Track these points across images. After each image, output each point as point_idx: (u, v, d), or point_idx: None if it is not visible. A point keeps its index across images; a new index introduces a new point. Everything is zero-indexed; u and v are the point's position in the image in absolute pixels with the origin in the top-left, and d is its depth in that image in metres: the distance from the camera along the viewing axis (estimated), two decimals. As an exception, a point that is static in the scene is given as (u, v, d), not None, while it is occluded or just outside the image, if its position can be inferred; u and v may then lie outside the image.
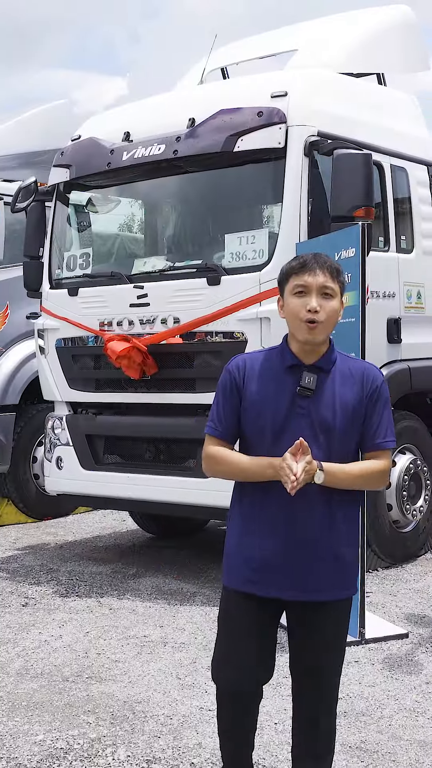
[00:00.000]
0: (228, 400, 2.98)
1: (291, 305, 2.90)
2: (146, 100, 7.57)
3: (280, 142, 6.16)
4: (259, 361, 2.98)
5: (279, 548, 2.87)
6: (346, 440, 2.90)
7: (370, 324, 6.62)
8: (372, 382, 2.94)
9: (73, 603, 6.23)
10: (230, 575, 3.00)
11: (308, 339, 2.88)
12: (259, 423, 2.91)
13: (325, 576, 2.89)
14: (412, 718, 4.22)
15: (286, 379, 2.92)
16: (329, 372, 2.92)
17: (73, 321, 7.06)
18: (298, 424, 2.86)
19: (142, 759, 3.84)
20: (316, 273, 2.87)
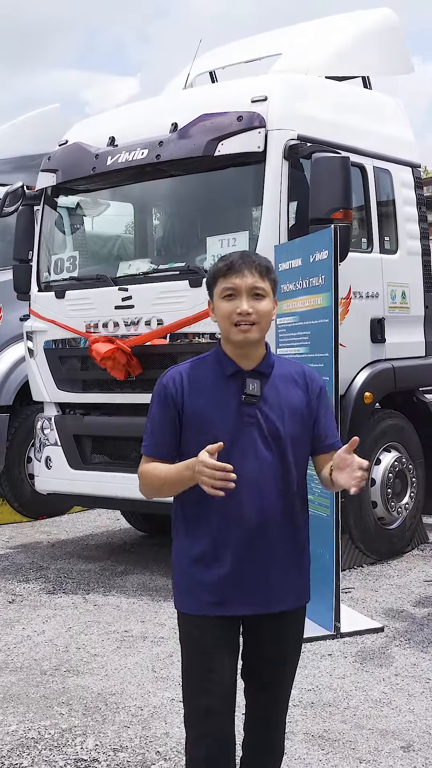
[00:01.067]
0: (164, 416, 2.80)
1: (221, 309, 2.75)
2: (131, 105, 7.71)
3: (260, 146, 6.26)
4: (196, 370, 2.82)
5: (241, 561, 2.73)
6: (298, 446, 2.80)
7: (353, 324, 6.80)
8: (316, 383, 2.86)
9: (59, 599, 6.35)
10: (187, 600, 2.81)
11: (242, 340, 2.74)
12: (203, 437, 2.70)
13: (287, 586, 2.80)
14: (377, 708, 4.31)
15: (228, 388, 2.77)
16: (270, 376, 2.81)
17: (60, 323, 7.18)
18: (248, 433, 2.73)
19: (109, 748, 3.95)
20: (244, 274, 2.73)
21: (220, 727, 2.74)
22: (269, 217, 6.26)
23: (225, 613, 2.75)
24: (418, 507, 7.49)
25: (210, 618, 2.75)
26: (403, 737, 3.99)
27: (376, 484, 7.03)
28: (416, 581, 6.56)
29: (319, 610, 5.40)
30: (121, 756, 3.87)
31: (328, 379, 5.36)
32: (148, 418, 2.85)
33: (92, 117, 7.86)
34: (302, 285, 5.68)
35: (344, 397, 6.73)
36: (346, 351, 6.58)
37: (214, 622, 2.75)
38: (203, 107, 6.59)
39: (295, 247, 5.89)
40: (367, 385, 6.85)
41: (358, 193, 7.04)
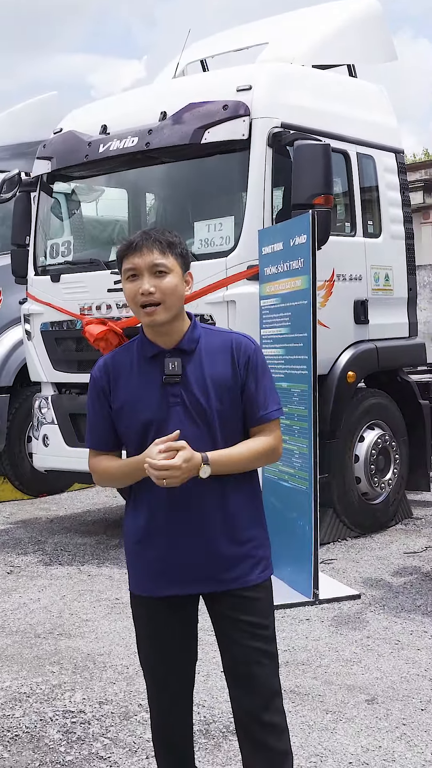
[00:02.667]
0: (97, 409, 2.76)
1: (126, 291, 2.67)
2: (123, 94, 7.94)
3: (244, 133, 6.50)
4: (121, 358, 2.77)
5: (175, 540, 2.67)
6: (228, 421, 2.69)
7: (336, 306, 7.05)
8: (243, 352, 2.71)
9: (55, 570, 6.65)
10: (130, 579, 2.79)
11: (150, 323, 2.64)
12: (134, 423, 2.68)
13: (227, 565, 2.69)
14: (347, 666, 4.60)
15: (150, 370, 2.70)
16: (193, 352, 2.69)
17: (55, 306, 7.45)
18: (175, 415, 2.65)
19: (95, 701, 4.25)
20: (143, 252, 2.61)
21: (169, 710, 2.78)
22: (253, 203, 6.50)
23: (162, 593, 2.69)
24: (402, 483, 7.76)
25: (152, 599, 2.71)
26: (368, 692, 4.28)
27: (360, 460, 7.30)
28: (396, 553, 6.84)
29: (299, 579, 5.70)
30: (106, 708, 4.17)
31: (306, 358, 5.62)
32: (87, 411, 2.81)
33: (86, 105, 8.09)
34: (283, 268, 5.93)
35: (328, 377, 7.01)
36: (330, 332, 6.89)
37: (157, 602, 2.71)
38: (191, 96, 6.83)
39: (277, 232, 6.14)
40: (351, 364, 7.11)
41: (342, 179, 7.30)
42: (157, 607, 2.72)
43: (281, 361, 5.96)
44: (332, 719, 3.99)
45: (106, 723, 4.02)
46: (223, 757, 3.68)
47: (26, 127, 9.91)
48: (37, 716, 4.10)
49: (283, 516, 5.95)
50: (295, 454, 5.77)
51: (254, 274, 6.40)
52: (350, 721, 3.97)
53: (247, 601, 2.70)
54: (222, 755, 3.69)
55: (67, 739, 3.87)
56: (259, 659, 2.69)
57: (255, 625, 2.70)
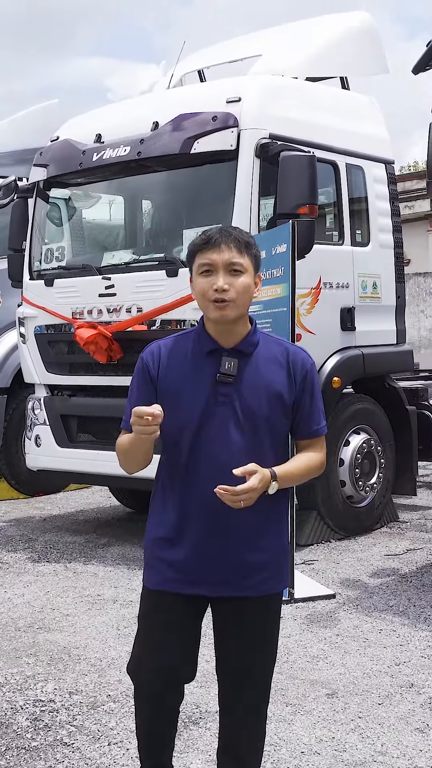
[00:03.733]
0: (142, 391, 2.73)
1: (198, 285, 2.68)
2: (118, 104, 8.13)
3: (232, 144, 6.66)
4: (176, 346, 2.76)
5: (204, 542, 2.69)
6: (274, 428, 2.71)
7: (322, 312, 7.20)
8: (302, 366, 2.76)
9: (42, 567, 6.82)
10: (151, 575, 2.81)
11: (218, 318, 2.65)
12: (177, 414, 2.66)
13: (252, 571, 2.71)
14: (313, 663, 4.74)
15: (205, 365, 2.70)
16: (251, 355, 2.71)
17: (49, 309, 7.62)
18: (221, 414, 2.65)
19: (65, 691, 4.40)
20: (221, 249, 2.64)
21: (158, 705, 2.79)
22: (240, 212, 6.66)
23: (182, 590, 2.71)
24: (388, 487, 7.89)
25: (167, 594, 2.73)
26: (329, 686, 4.42)
27: (344, 464, 7.45)
28: (377, 555, 6.97)
29: (276, 578, 5.83)
30: (75, 698, 4.33)
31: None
32: (129, 392, 2.79)
33: (82, 114, 8.27)
34: (266, 276, 6.08)
35: (313, 382, 7.15)
36: (316, 338, 7.05)
37: (171, 598, 2.72)
38: (183, 107, 7.00)
39: (260, 240, 6.20)
40: (336, 370, 7.26)
41: (330, 189, 7.44)
42: (177, 605, 2.73)
43: (262, 366, 6.10)
44: (291, 711, 4.13)
45: (73, 712, 4.17)
46: (182, 745, 3.82)
47: (28, 133, 10.10)
48: (9, 705, 4.26)
49: (262, 517, 6.09)
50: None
51: (239, 280, 6.54)
52: (308, 714, 4.11)
53: (269, 609, 2.77)
54: (181, 743, 3.84)
55: (35, 726, 4.03)
56: (263, 664, 2.81)
57: (268, 633, 2.80)
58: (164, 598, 2.75)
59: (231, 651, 2.78)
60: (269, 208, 7.01)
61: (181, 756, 3.71)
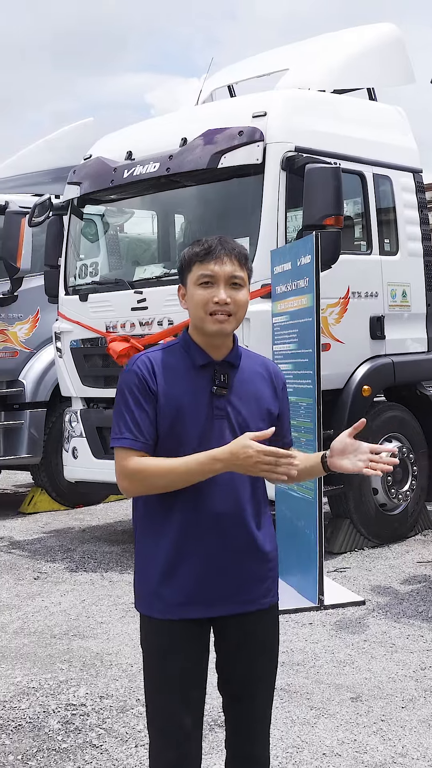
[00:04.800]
0: (143, 405, 2.58)
1: (197, 297, 2.58)
2: (148, 121, 8.30)
3: (259, 158, 6.78)
4: (164, 358, 2.65)
5: (210, 561, 2.59)
6: (264, 440, 2.57)
7: (351, 322, 7.28)
8: (279, 378, 2.76)
9: (79, 576, 6.96)
10: (148, 602, 2.63)
11: (217, 331, 2.57)
12: (176, 430, 2.58)
13: (256, 585, 2.66)
14: (339, 667, 4.81)
15: (199, 379, 2.61)
16: (238, 368, 2.66)
17: (83, 324, 7.79)
18: (219, 427, 2.59)
19: (96, 696, 4.53)
20: (224, 261, 2.57)
21: (183, 741, 2.60)
22: (267, 224, 6.77)
23: (191, 615, 2.58)
24: (422, 494, 7.91)
25: (175, 622, 2.58)
26: (354, 690, 4.49)
27: (377, 471, 7.47)
28: (410, 562, 7.01)
29: (306, 585, 5.93)
30: (106, 702, 4.45)
31: (311, 373, 5.85)
32: (122, 409, 2.60)
33: (114, 132, 8.44)
34: (291, 287, 6.18)
35: (343, 391, 7.23)
36: (345, 347, 7.14)
37: (180, 625, 2.59)
38: (210, 122, 7.14)
39: (286, 252, 6.39)
40: (366, 379, 7.32)
41: (358, 200, 7.53)
42: (177, 632, 2.59)
43: (290, 376, 6.19)
44: (315, 715, 4.21)
45: (103, 715, 4.29)
46: (207, 746, 3.91)
47: (64, 152, 10.31)
48: (41, 708, 4.40)
49: (292, 524, 6.18)
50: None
51: (267, 292, 6.66)
52: (331, 717, 4.18)
53: (270, 620, 2.70)
54: (206, 745, 3.93)
55: (65, 729, 4.15)
56: (269, 679, 2.71)
57: (269, 644, 2.70)
58: (169, 626, 2.59)
59: (241, 664, 2.67)
60: (298, 219, 7.11)
61: (206, 757, 3.79)
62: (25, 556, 7.72)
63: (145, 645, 2.66)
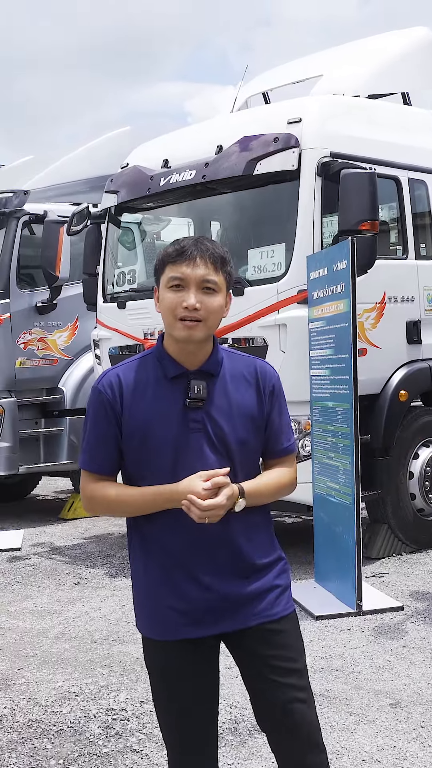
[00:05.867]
0: (102, 427, 2.50)
1: (166, 300, 2.46)
2: (184, 129, 8.35)
3: (294, 164, 6.80)
4: (134, 373, 2.53)
5: (199, 579, 2.51)
6: (250, 451, 2.55)
7: (388, 327, 7.27)
8: (268, 380, 2.58)
9: (119, 582, 7.02)
10: (149, 623, 2.58)
11: (185, 338, 2.45)
12: (148, 448, 2.47)
13: (256, 596, 2.55)
14: (378, 673, 4.81)
15: (170, 391, 2.49)
16: (218, 376, 2.52)
17: (122, 331, 7.86)
18: (195, 442, 2.46)
19: (136, 701, 4.57)
20: (196, 263, 2.43)
21: (186, 754, 2.59)
22: (303, 230, 6.78)
23: (182, 635, 2.51)
24: (460, 499, 7.87)
25: (175, 642, 2.52)
26: (394, 696, 4.49)
27: (414, 477, 7.47)
28: (449, 567, 6.99)
29: (344, 590, 5.93)
30: (146, 707, 4.49)
31: (348, 378, 5.86)
32: (85, 428, 2.56)
33: (150, 141, 8.51)
34: (328, 292, 6.20)
35: (380, 396, 7.22)
36: (382, 352, 7.13)
37: (181, 645, 2.52)
38: (245, 129, 7.18)
39: (322, 257, 6.40)
40: (403, 383, 7.29)
41: (393, 204, 7.52)
42: (176, 652, 2.52)
43: (327, 381, 6.21)
44: (354, 721, 4.22)
45: (143, 720, 4.33)
46: (247, 752, 3.95)
47: (102, 161, 10.40)
48: (82, 713, 4.45)
49: (330, 530, 6.18)
50: (339, 470, 6.02)
51: (304, 298, 6.67)
52: (371, 723, 4.19)
53: (276, 634, 2.55)
54: (246, 750, 3.96)
55: (106, 734, 4.20)
56: (296, 695, 2.54)
57: (287, 659, 2.55)
58: (169, 647, 2.53)
59: (264, 686, 2.56)
60: (334, 225, 7.11)
61: (245, 763, 3.83)
62: (65, 562, 7.80)
63: (146, 662, 2.65)
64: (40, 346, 9.56)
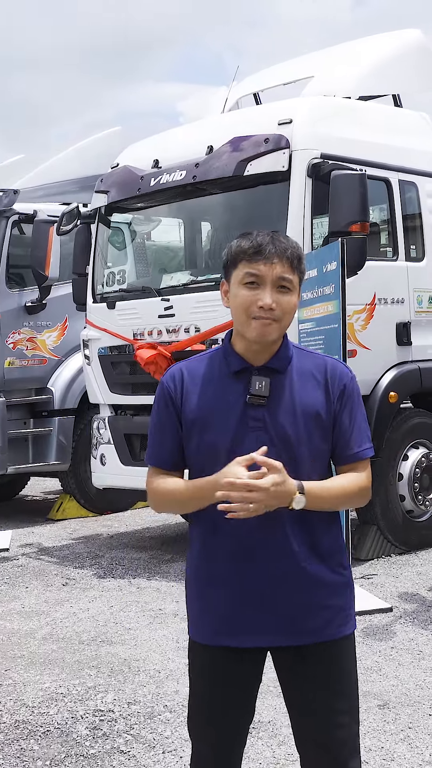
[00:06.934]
0: (164, 421, 2.47)
1: (240, 298, 2.37)
2: (174, 130, 8.35)
3: (284, 165, 6.80)
4: (200, 368, 2.47)
5: (251, 586, 2.40)
6: (315, 456, 2.40)
7: (378, 328, 7.27)
8: (339, 380, 2.44)
9: (107, 583, 7.00)
10: (196, 626, 2.52)
11: (258, 337, 2.38)
12: (205, 444, 2.40)
13: (314, 612, 2.41)
14: (367, 674, 4.80)
15: (232, 387, 2.41)
16: (284, 373, 2.42)
17: (111, 331, 7.84)
18: (254, 441, 2.34)
19: (124, 702, 4.55)
20: (273, 261, 2.35)
21: (210, 754, 2.50)
22: (293, 231, 6.78)
23: (238, 644, 2.41)
24: (449, 501, 7.88)
25: (221, 649, 2.43)
26: (382, 697, 4.49)
27: (403, 478, 7.48)
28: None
29: (333, 591, 5.91)
30: (133, 708, 4.47)
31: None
32: (150, 423, 2.54)
33: (141, 141, 8.50)
34: (317, 293, 6.20)
35: (370, 397, 7.22)
36: (371, 353, 7.13)
37: (226, 653, 2.42)
38: (236, 130, 7.18)
39: (312, 259, 6.39)
40: (392, 385, 7.30)
41: (384, 206, 7.52)
42: (222, 658, 2.44)
43: (316, 383, 6.20)
44: (342, 722, 4.20)
45: (131, 721, 4.32)
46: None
47: (92, 161, 10.39)
48: (69, 714, 4.43)
49: (319, 532, 6.17)
50: (328, 471, 6.00)
51: (294, 298, 6.66)
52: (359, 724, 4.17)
53: (331, 656, 2.44)
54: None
55: (93, 735, 4.18)
56: (342, 722, 2.43)
57: (339, 682, 2.45)
58: (213, 653, 2.45)
59: (309, 707, 2.44)
60: (324, 226, 7.11)
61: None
62: (53, 563, 7.77)
63: (190, 671, 2.59)
64: (30, 346, 9.53)
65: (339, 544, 2.51)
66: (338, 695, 2.43)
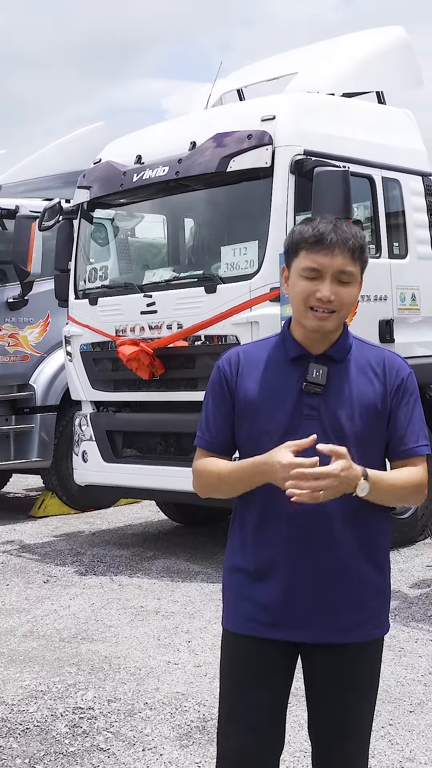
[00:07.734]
0: (219, 404, 2.44)
1: (298, 288, 2.35)
2: (157, 125, 8.31)
3: (267, 162, 6.78)
4: (257, 353, 2.46)
5: (294, 579, 2.36)
6: (368, 447, 2.35)
7: (360, 325, 7.20)
8: (397, 374, 2.41)
9: (88, 580, 6.97)
10: (231, 616, 2.47)
11: (316, 328, 2.36)
12: (257, 430, 2.37)
13: (354, 611, 2.38)
14: (348, 671, 4.80)
15: (289, 374, 2.38)
16: (343, 362, 2.39)
17: (93, 327, 7.81)
18: (306, 429, 2.30)
19: (104, 699, 4.53)
20: (334, 253, 2.31)
21: (241, 735, 2.45)
22: (276, 228, 6.76)
23: (274, 636, 2.38)
24: (431, 498, 7.88)
25: (256, 639, 2.39)
26: (363, 694, 4.48)
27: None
28: (419, 566, 7.00)
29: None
30: (113, 705, 4.45)
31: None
32: (203, 405, 2.50)
33: (123, 137, 8.47)
34: (300, 290, 6.17)
35: (353, 394, 7.21)
36: (354, 350, 7.10)
37: (261, 644, 2.39)
38: (219, 126, 7.15)
39: (294, 256, 6.39)
40: (375, 382, 7.29)
41: (367, 203, 7.52)
42: (248, 648, 2.42)
43: (299, 380, 6.19)
44: (322, 719, 4.19)
45: (111, 719, 4.30)
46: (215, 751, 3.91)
47: (75, 156, 10.34)
48: (49, 712, 4.40)
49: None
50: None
51: (276, 296, 6.65)
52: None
53: (365, 657, 2.44)
54: (214, 749, 3.93)
55: (73, 733, 4.16)
56: (361, 722, 2.48)
57: (367, 685, 2.46)
58: (248, 643, 2.41)
59: (332, 704, 2.45)
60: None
61: (214, 761, 3.80)
62: (34, 560, 7.73)
63: (221, 662, 2.54)
64: (11, 342, 9.48)
65: (387, 544, 2.48)
66: (362, 698, 2.45)
